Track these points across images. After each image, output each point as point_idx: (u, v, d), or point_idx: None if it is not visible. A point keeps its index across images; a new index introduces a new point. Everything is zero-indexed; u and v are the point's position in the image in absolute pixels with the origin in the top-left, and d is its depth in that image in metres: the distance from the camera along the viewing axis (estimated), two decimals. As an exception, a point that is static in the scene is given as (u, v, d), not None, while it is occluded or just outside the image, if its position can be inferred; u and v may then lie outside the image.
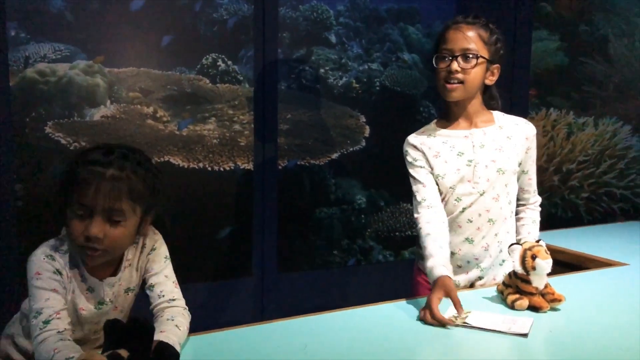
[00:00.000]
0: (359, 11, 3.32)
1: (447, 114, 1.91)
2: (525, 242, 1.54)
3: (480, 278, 1.80)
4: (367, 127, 3.39)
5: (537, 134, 1.91)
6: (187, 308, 1.45)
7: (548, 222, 2.39)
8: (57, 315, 1.28)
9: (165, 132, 2.89)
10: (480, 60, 1.76)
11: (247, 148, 3.09)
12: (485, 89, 1.87)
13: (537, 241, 1.53)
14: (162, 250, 1.48)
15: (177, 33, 2.87)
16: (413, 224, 3.55)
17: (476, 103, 1.85)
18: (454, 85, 1.77)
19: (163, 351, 1.18)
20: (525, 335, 1.39)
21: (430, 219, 1.73)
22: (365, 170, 3.42)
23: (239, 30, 3.02)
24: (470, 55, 1.75)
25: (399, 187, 3.53)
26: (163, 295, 1.44)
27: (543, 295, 1.52)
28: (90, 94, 2.72)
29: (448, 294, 1.48)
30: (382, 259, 3.53)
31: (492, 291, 1.67)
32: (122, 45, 2.76)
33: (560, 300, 1.53)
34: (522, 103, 3.65)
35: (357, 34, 3.32)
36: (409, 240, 3.60)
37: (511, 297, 1.53)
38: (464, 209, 1.79)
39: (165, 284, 1.45)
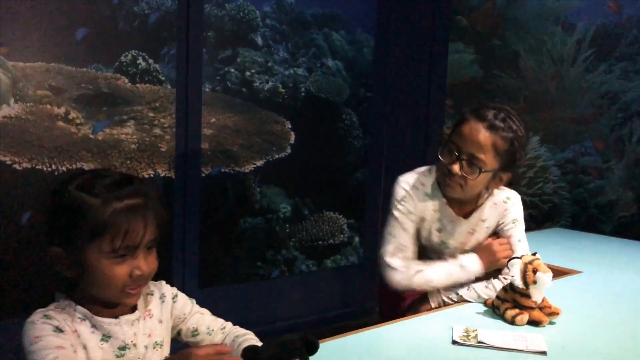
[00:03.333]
0: (285, 13, 3.21)
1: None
2: (524, 255, 1.52)
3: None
4: (293, 133, 3.29)
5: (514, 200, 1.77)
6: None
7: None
8: None
9: (78, 135, 2.59)
10: (484, 174, 1.62)
11: (168, 154, 2.86)
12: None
13: (534, 254, 1.51)
14: (183, 294, 1.34)
15: (93, 26, 2.58)
16: (337, 232, 3.51)
17: (475, 197, 1.74)
18: (453, 185, 1.66)
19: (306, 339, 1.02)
20: (544, 353, 1.36)
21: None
22: (290, 178, 3.31)
23: (161, 27, 2.78)
24: (475, 165, 1.61)
25: (322, 195, 3.46)
26: (212, 330, 1.31)
27: (541, 309, 1.50)
28: (-9, 90, 2.36)
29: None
30: (305, 269, 3.44)
31: (479, 307, 1.64)
32: (28, 36, 2.43)
33: (557, 314, 1.52)
34: (438, 113, 3.74)
35: (283, 37, 3.21)
36: (332, 249, 3.54)
37: (510, 312, 1.50)
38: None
39: (204, 318, 1.34)
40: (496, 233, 1.77)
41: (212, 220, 3.06)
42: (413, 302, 1.79)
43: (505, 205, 1.76)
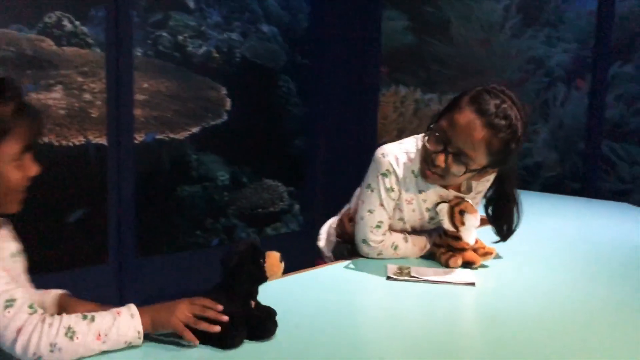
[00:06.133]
0: (217, -23, 3.15)
1: None
2: (450, 200, 1.54)
3: None
4: (229, 99, 3.25)
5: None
6: None
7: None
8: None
9: (2, 99, 2.47)
10: (470, 172, 1.48)
11: (100, 120, 2.77)
12: None
13: (460, 197, 1.55)
14: None
15: (13, -16, 2.46)
16: (277, 200, 3.45)
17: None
18: (433, 175, 1.50)
19: None
20: (473, 284, 1.42)
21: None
22: (228, 145, 3.28)
23: (87, -13, 2.68)
24: (462, 162, 1.44)
25: (261, 162, 3.46)
26: None
27: (474, 250, 1.55)
28: None
29: None
30: (245, 237, 3.43)
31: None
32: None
33: (491, 254, 1.57)
34: (374, 80, 3.78)
35: (216, 0, 3.16)
36: (272, 217, 3.54)
37: (444, 256, 1.53)
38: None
39: None
40: None
41: (148, 188, 3.00)
42: None
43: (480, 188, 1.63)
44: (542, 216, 2.28)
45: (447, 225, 1.52)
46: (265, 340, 1.09)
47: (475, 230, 1.53)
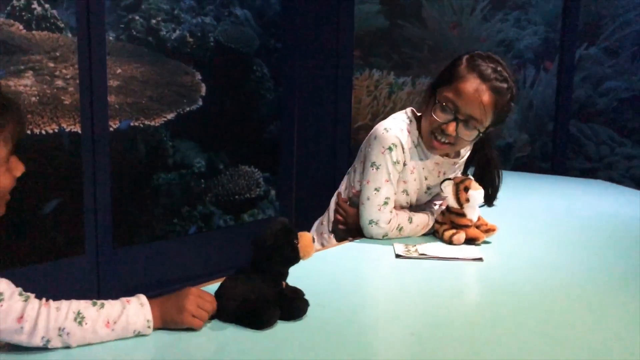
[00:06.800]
0: (189, -41, 3.07)
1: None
2: (455, 176, 1.57)
3: None
4: (203, 85, 3.19)
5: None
6: None
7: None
8: None
9: (-30, 86, 2.35)
10: (480, 134, 1.53)
11: (73, 107, 2.68)
12: None
13: (466, 175, 1.57)
14: None
15: (-22, -36, 2.34)
16: (254, 186, 3.42)
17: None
18: (443, 146, 1.54)
19: None
20: (480, 259, 1.44)
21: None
22: (203, 131, 3.22)
23: (57, -32, 2.58)
24: (473, 127, 1.50)
25: (237, 148, 3.42)
26: None
27: (477, 227, 1.57)
28: None
29: None
30: (223, 224, 3.39)
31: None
32: None
33: (494, 230, 1.59)
34: (347, 64, 3.78)
35: (189, -17, 3.08)
36: (248, 203, 3.52)
37: (448, 233, 1.55)
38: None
39: None
40: None
41: (123, 176, 2.93)
42: None
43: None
44: (526, 194, 2.34)
45: (451, 202, 1.54)
46: (297, 320, 1.09)
47: (478, 208, 1.56)
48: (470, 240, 1.55)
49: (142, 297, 1.05)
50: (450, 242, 1.55)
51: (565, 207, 2.17)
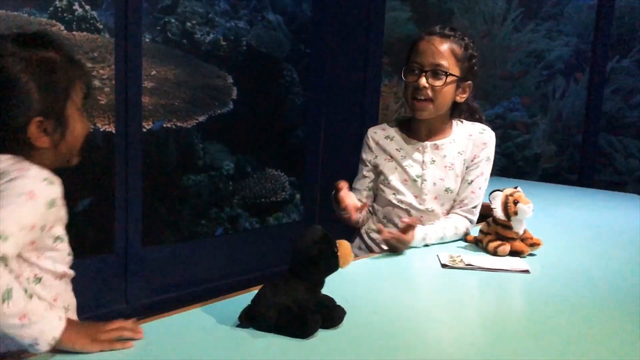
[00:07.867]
0: (225, -37, 3.10)
1: (409, 120, 1.81)
2: (505, 188, 1.57)
3: None
4: (235, 88, 3.21)
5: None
6: None
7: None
8: None
9: (11, 84, 2.39)
10: (450, 78, 1.66)
11: (108, 107, 2.71)
12: (455, 104, 1.76)
13: (515, 187, 1.57)
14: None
15: (23, -35, 2.38)
16: (280, 190, 3.50)
17: (441, 118, 1.75)
18: (423, 103, 1.67)
19: None
20: (527, 271, 1.44)
21: None
22: (233, 134, 3.24)
23: (98, -30, 2.61)
24: (440, 72, 1.65)
25: (265, 152, 3.43)
26: None
27: (522, 240, 1.56)
28: None
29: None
30: (248, 226, 3.41)
31: (459, 242, 1.71)
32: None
33: (539, 244, 1.58)
34: (376, 70, 3.78)
35: (224, -13, 3.11)
36: (274, 206, 3.53)
37: (493, 244, 1.54)
38: (408, 211, 1.76)
39: None
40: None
41: (154, 177, 2.95)
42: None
43: (482, 138, 1.77)
44: (557, 206, 2.33)
45: (499, 213, 1.53)
46: (336, 328, 1.09)
47: (524, 221, 1.55)
48: (514, 253, 1.55)
49: (64, 316, 0.99)
50: (494, 253, 1.54)
51: (601, 220, 2.15)
